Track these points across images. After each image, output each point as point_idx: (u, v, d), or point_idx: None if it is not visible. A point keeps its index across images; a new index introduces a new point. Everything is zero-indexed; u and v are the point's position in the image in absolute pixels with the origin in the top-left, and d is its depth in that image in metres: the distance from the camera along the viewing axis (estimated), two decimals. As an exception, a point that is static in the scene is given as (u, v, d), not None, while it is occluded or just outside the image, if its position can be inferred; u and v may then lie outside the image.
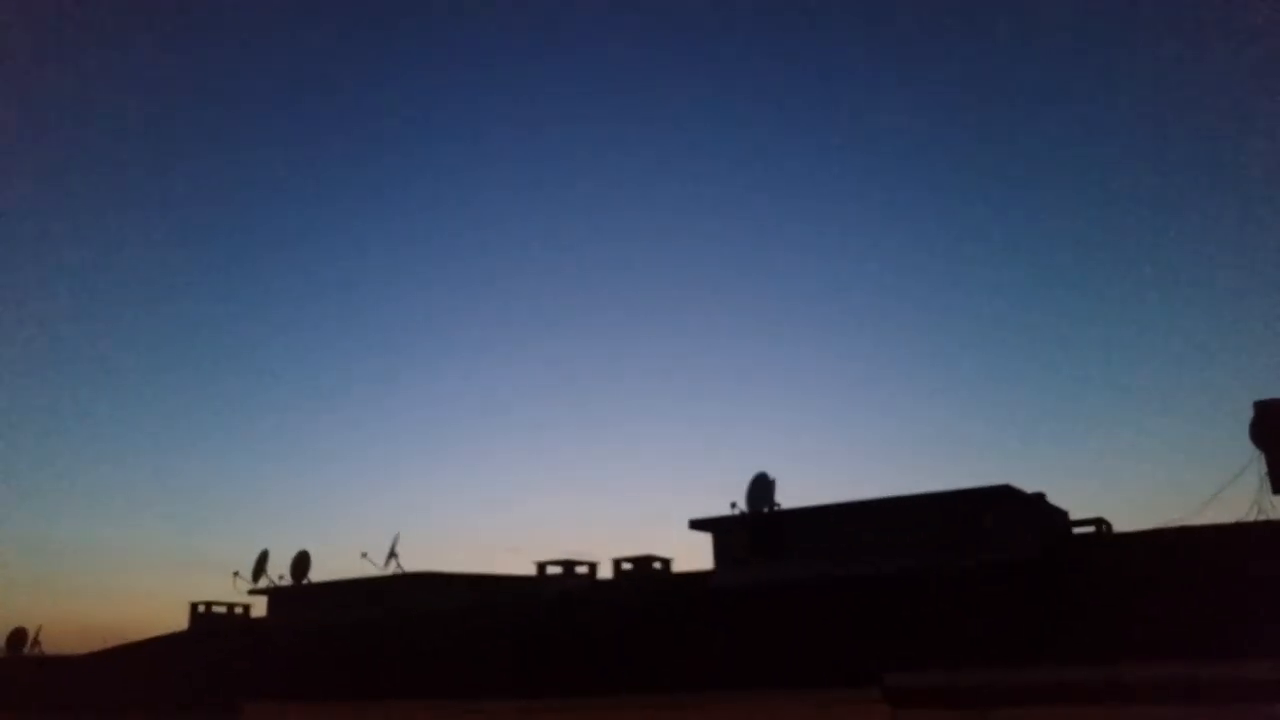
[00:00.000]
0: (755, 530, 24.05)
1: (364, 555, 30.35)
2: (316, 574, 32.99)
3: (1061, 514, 22.31)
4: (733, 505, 24.53)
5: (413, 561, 30.55)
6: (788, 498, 24.52)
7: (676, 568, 28.12)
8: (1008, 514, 19.68)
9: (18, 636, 38.11)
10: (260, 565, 33.70)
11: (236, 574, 33.92)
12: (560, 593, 27.85)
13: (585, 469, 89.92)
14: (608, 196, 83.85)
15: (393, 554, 30.07)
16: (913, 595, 18.45)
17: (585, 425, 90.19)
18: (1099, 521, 22.31)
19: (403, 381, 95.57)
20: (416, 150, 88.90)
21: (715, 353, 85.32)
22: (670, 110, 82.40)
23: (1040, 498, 21.24)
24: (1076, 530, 22.48)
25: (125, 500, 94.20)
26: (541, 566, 28.88)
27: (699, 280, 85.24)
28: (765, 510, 24.46)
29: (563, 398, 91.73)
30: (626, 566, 27.72)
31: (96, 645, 38.88)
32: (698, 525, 24.90)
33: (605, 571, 28.78)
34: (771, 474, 25.06)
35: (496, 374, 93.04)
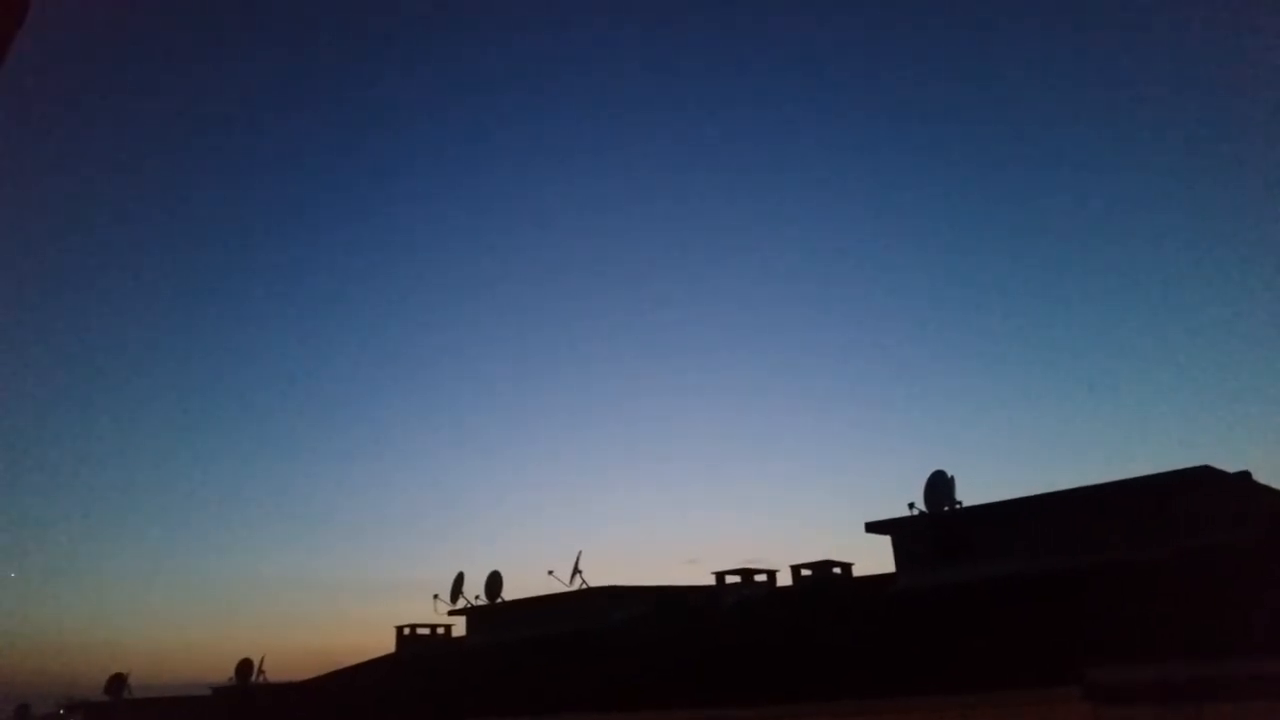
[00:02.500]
0: (937, 530, 23.44)
1: (550, 573, 31.51)
2: (508, 592, 34.48)
3: (1273, 493, 20.70)
4: (910, 506, 24.00)
5: (595, 576, 31.50)
6: (969, 495, 23.84)
7: (856, 572, 27.79)
8: (1208, 496, 18.48)
9: (244, 666, 41.39)
10: (457, 587, 35.45)
11: (436, 596, 35.85)
12: (740, 601, 27.98)
13: (758, 477, 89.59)
14: (783, 208, 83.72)
15: (576, 570, 31.07)
16: (1110, 589, 17.59)
17: (756, 434, 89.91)
18: (1318, 499, 20.59)
19: (578, 405, 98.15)
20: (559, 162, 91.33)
21: (883, 350, 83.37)
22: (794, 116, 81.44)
23: (1245, 476, 19.80)
24: (1293, 509, 20.82)
25: (333, 533, 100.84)
26: (720, 576, 29.11)
27: (864, 281, 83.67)
28: (946, 509, 23.80)
29: (733, 407, 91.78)
30: (805, 573, 27.56)
31: (314, 670, 41.91)
32: (875, 528, 24.46)
33: (784, 578, 28.73)
34: (950, 471, 24.44)
35: (668, 390, 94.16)
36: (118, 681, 43.38)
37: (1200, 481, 18.51)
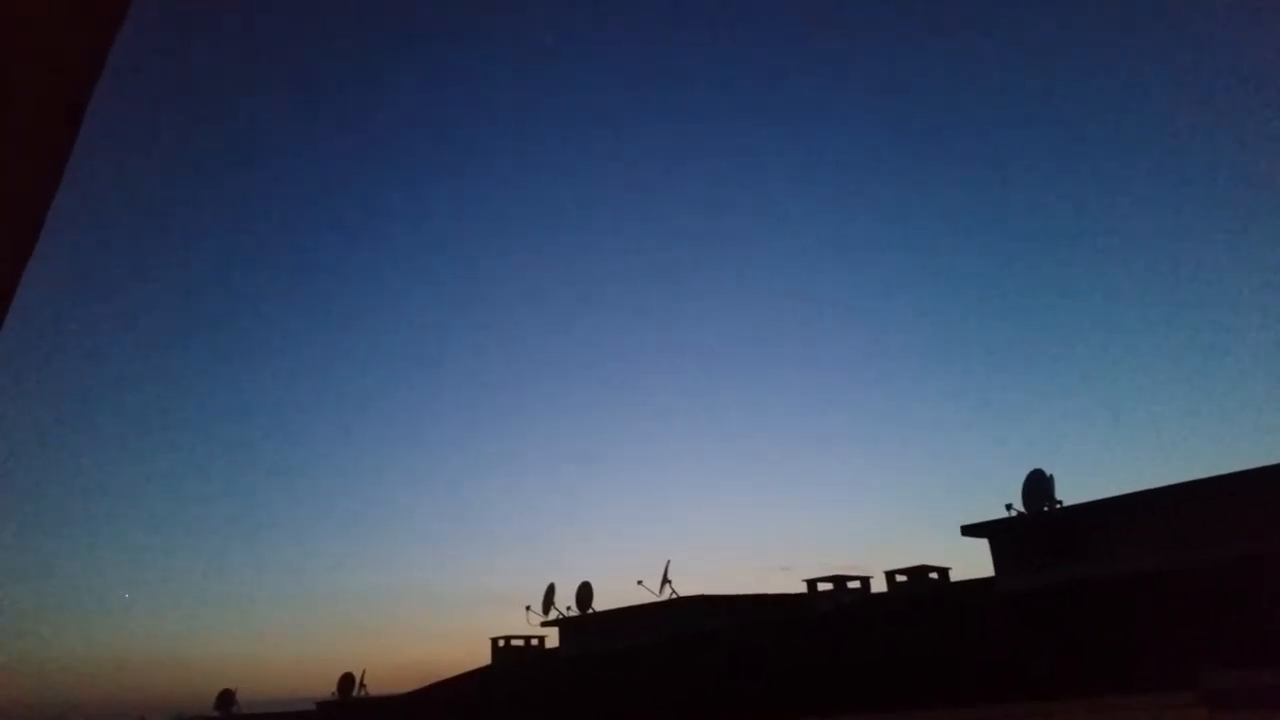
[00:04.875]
0: (1037, 531, 22.57)
1: (639, 583, 31.38)
2: (599, 603, 34.46)
3: None
4: (1008, 507, 23.21)
5: (685, 586, 31.25)
6: (1069, 493, 22.93)
7: (954, 576, 26.94)
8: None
9: (346, 680, 42.26)
10: (549, 598, 35.62)
11: (529, 608, 36.10)
12: (834, 608, 27.37)
13: (849, 482, 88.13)
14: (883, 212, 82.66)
15: (666, 580, 30.88)
16: (1228, 588, 16.57)
17: (846, 437, 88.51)
18: None
19: (666, 412, 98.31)
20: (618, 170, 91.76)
21: (975, 347, 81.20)
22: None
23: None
24: None
25: (428, 546, 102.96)
26: (811, 584, 28.55)
27: (955, 276, 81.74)
28: (1046, 509, 22.93)
29: (822, 409, 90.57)
30: (901, 578, 26.83)
31: (413, 683, 42.62)
32: (971, 531, 23.73)
33: (879, 585, 28.04)
34: (1048, 470, 23.54)
35: (757, 395, 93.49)
36: (227, 697, 44.74)
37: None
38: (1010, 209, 75.17)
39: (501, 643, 38.36)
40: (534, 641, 38.28)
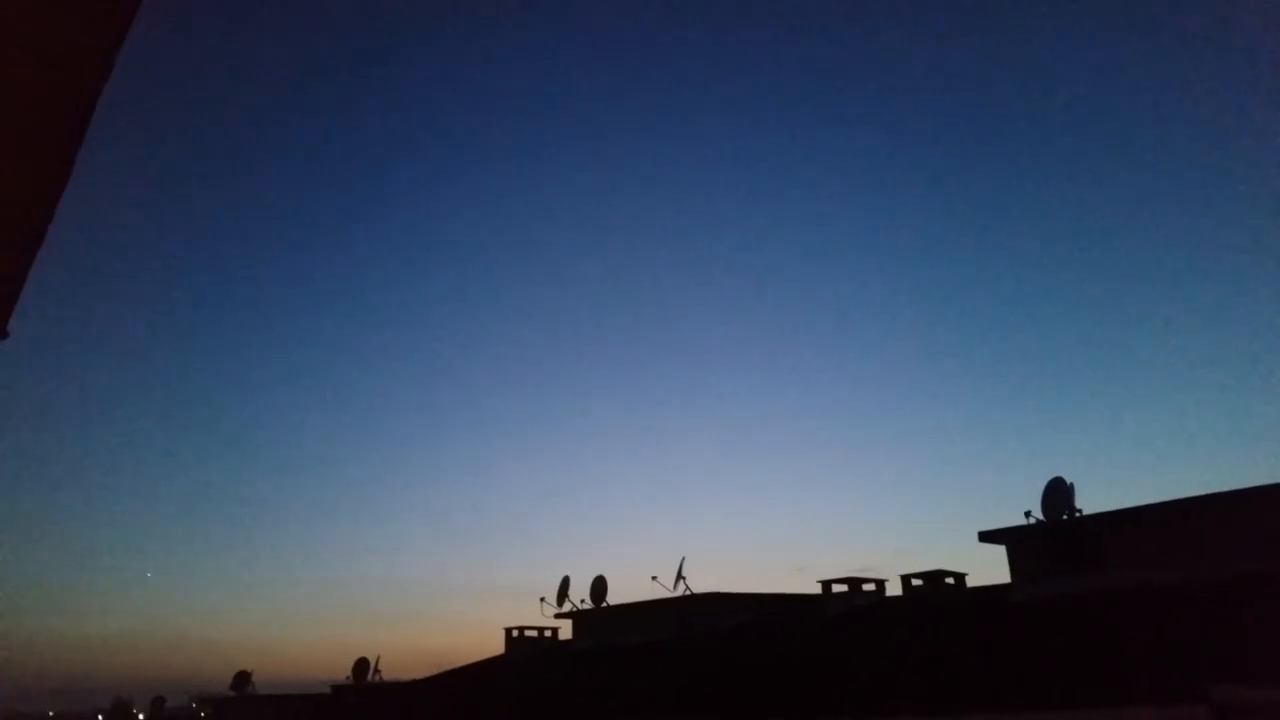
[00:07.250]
0: (1055, 540, 22.38)
1: (654, 579, 31.38)
2: (613, 597, 34.48)
3: None
4: (1027, 514, 23.02)
5: (699, 582, 31.20)
6: (1089, 502, 22.73)
7: (970, 582, 26.73)
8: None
9: (361, 665, 42.56)
10: (563, 590, 35.67)
11: (543, 599, 36.17)
12: (848, 610, 27.27)
13: (869, 483, 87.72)
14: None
15: (680, 576, 30.85)
16: (1246, 603, 16.38)
17: (867, 439, 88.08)
18: None
19: (685, 409, 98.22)
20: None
21: (997, 352, 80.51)
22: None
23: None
24: None
25: (445, 536, 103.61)
26: (826, 585, 28.43)
27: (976, 280, 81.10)
28: (1065, 517, 22.73)
29: (842, 410, 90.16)
30: (916, 583, 26.66)
31: (427, 670, 42.87)
32: (989, 537, 23.56)
33: (894, 588, 27.87)
34: (1069, 478, 23.34)
35: (776, 394, 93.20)
36: (243, 678, 45.21)
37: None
38: (1037, 213, 74.49)
39: (515, 633, 38.46)
40: (547, 633, 38.34)
